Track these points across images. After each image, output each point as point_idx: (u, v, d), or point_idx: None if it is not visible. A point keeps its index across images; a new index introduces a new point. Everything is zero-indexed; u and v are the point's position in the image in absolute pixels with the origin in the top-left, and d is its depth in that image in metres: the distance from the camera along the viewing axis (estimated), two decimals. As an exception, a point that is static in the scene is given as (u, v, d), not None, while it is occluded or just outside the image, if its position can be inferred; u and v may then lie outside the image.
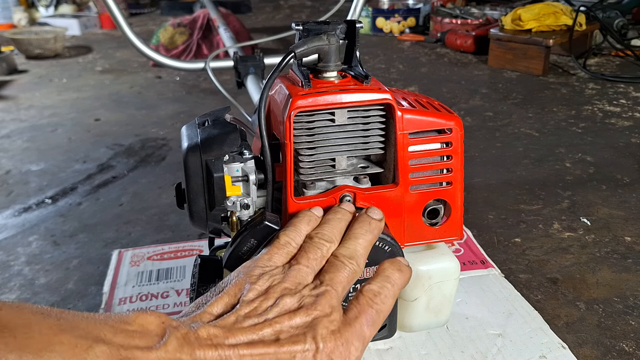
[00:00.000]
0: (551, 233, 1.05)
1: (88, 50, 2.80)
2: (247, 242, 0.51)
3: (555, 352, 0.72)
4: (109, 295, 0.85)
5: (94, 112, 1.84)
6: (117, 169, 1.39)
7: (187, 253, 0.96)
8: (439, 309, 0.65)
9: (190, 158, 0.54)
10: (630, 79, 1.98)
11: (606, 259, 0.96)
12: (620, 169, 1.30)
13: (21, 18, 3.21)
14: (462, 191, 0.60)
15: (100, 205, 1.21)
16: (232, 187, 0.55)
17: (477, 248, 0.96)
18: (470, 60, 2.36)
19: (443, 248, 0.64)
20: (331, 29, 0.56)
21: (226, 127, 0.56)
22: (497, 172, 1.31)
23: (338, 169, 0.56)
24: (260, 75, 1.27)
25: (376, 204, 0.56)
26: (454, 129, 0.58)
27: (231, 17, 2.36)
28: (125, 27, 1.27)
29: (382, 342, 0.72)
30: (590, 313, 0.83)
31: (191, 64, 1.37)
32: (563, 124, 1.61)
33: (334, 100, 0.53)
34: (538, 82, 2.02)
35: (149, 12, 3.78)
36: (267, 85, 0.55)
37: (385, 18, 2.91)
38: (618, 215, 1.10)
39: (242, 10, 3.42)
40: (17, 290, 0.92)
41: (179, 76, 2.22)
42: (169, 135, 1.61)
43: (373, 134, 0.56)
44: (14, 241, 1.08)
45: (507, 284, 0.86)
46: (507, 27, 2.19)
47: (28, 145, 1.57)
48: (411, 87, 2.02)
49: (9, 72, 2.34)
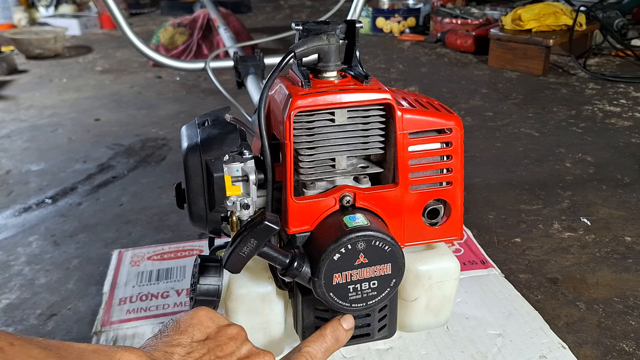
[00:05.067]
0: (551, 233, 1.05)
1: (88, 50, 2.80)
2: (247, 242, 0.51)
3: (555, 352, 0.72)
4: (109, 295, 0.85)
5: (94, 112, 1.84)
6: (117, 169, 1.39)
7: (187, 253, 0.96)
8: (439, 309, 0.65)
9: (190, 158, 0.54)
10: (630, 79, 1.98)
11: (606, 259, 0.96)
12: (620, 169, 1.30)
13: (21, 18, 3.20)
14: (462, 191, 0.60)
15: (101, 205, 1.21)
16: (232, 187, 0.55)
17: (477, 248, 0.96)
18: (471, 60, 2.36)
19: (443, 248, 0.64)
20: (331, 29, 0.56)
21: (226, 127, 0.56)
22: (497, 172, 1.31)
23: (338, 169, 0.56)
24: (260, 75, 1.27)
25: (376, 203, 0.56)
26: (454, 128, 0.58)
27: (231, 17, 2.36)
28: (125, 27, 1.27)
29: (382, 342, 0.72)
30: (590, 313, 0.83)
31: (191, 64, 1.37)
32: (563, 124, 1.61)
33: (334, 100, 0.53)
34: (538, 82, 2.02)
35: (149, 12, 3.77)
36: (267, 85, 0.55)
37: (385, 18, 2.91)
38: (618, 215, 1.10)
39: (242, 10, 3.42)
40: (17, 290, 0.92)
41: (179, 76, 2.22)
42: (169, 135, 1.61)
43: (373, 134, 0.56)
44: (14, 241, 1.08)
45: (507, 284, 0.86)
46: (507, 27, 2.19)
47: (28, 145, 1.57)
48: (411, 87, 2.02)
49: (9, 72, 2.34)
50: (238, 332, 0.52)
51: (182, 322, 0.50)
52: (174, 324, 0.50)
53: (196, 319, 0.50)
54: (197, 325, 0.50)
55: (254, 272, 0.61)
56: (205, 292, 0.57)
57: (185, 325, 0.50)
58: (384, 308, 0.60)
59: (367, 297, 0.54)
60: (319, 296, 0.53)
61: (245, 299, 0.60)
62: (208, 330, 0.50)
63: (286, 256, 0.53)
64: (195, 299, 0.57)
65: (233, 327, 0.52)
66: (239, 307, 0.60)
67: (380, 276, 0.54)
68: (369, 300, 0.55)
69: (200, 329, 0.50)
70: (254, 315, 0.61)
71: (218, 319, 0.52)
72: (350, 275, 0.53)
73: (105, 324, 0.79)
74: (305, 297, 0.57)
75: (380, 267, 0.53)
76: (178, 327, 0.49)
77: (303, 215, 0.55)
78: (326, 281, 0.52)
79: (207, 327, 0.51)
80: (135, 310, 0.82)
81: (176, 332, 0.49)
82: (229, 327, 0.52)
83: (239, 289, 0.60)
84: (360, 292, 0.54)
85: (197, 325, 0.50)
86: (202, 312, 0.51)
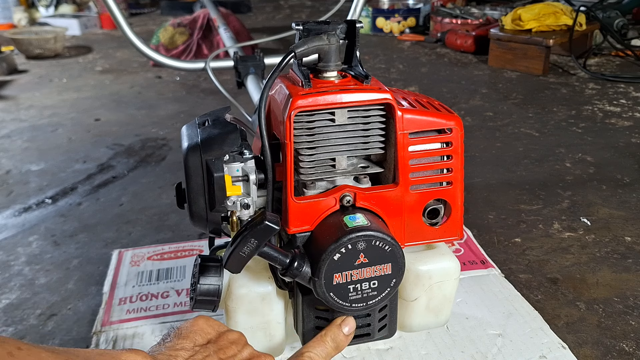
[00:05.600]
0: (551, 233, 1.05)
1: (88, 50, 2.79)
2: (248, 242, 0.51)
3: (555, 352, 0.72)
4: (109, 295, 0.85)
5: (94, 112, 1.84)
6: (117, 169, 1.39)
7: (187, 253, 0.96)
8: (439, 309, 0.65)
9: (191, 158, 0.54)
10: (630, 79, 1.98)
11: (606, 259, 0.96)
12: (620, 169, 1.30)
13: (21, 18, 3.20)
14: (462, 191, 0.60)
15: (101, 205, 1.21)
16: (232, 187, 0.55)
17: (477, 248, 0.96)
18: (471, 60, 2.36)
19: (443, 248, 0.64)
20: (331, 29, 0.56)
21: (226, 127, 0.56)
22: (497, 172, 1.31)
23: (338, 169, 0.56)
24: (260, 75, 1.27)
25: (376, 203, 0.56)
26: (454, 128, 0.58)
27: (231, 17, 2.36)
28: (125, 27, 1.27)
29: (382, 342, 0.72)
30: (590, 313, 0.83)
31: (191, 64, 1.37)
32: (563, 124, 1.61)
33: (334, 100, 0.53)
34: (538, 82, 2.02)
35: (149, 12, 3.77)
36: (267, 85, 0.55)
37: (386, 18, 2.91)
38: (618, 215, 1.10)
39: (242, 10, 3.42)
40: (17, 290, 0.92)
41: (179, 76, 2.22)
42: (169, 135, 1.61)
43: (373, 134, 0.56)
44: (14, 241, 1.08)
45: (507, 284, 0.86)
46: (507, 27, 2.19)
47: (28, 145, 1.57)
48: (411, 87, 2.02)
49: (9, 72, 2.34)
50: (239, 337, 0.54)
51: (184, 329, 0.52)
52: (175, 331, 0.52)
53: (196, 326, 0.53)
54: (198, 332, 0.52)
55: (254, 272, 0.61)
56: (206, 292, 0.57)
57: (186, 331, 0.52)
58: (384, 308, 0.60)
59: (367, 297, 0.54)
60: (319, 296, 0.53)
61: (246, 299, 0.60)
62: (209, 336, 0.53)
63: (286, 256, 0.53)
64: (195, 298, 0.57)
65: (233, 332, 0.54)
66: (239, 307, 0.60)
67: (381, 276, 0.54)
68: (369, 300, 0.55)
69: (201, 334, 0.52)
70: (254, 315, 0.61)
71: (217, 326, 0.54)
72: (350, 275, 0.53)
73: (105, 324, 0.79)
74: (305, 297, 0.57)
75: (381, 267, 0.53)
76: (180, 334, 0.51)
77: (303, 215, 0.55)
78: (326, 281, 0.52)
79: (208, 333, 0.53)
80: (135, 310, 0.82)
81: (178, 338, 0.51)
82: (229, 332, 0.54)
83: (239, 289, 0.60)
84: (360, 292, 0.54)
85: (198, 331, 0.52)
86: (201, 320, 0.54)
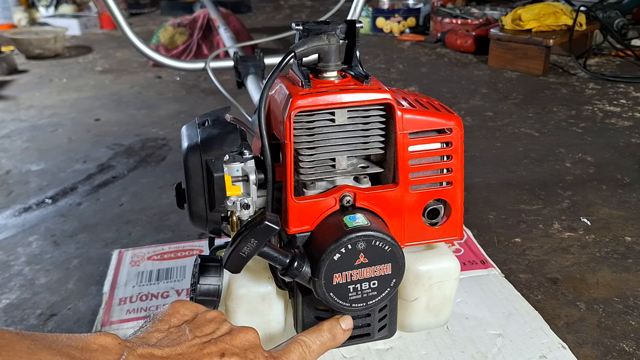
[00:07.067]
0: (551, 233, 1.05)
1: (88, 50, 2.80)
2: (248, 242, 0.51)
3: (555, 352, 0.72)
4: (109, 295, 0.85)
5: (94, 112, 1.84)
6: (117, 169, 1.39)
7: (187, 253, 0.96)
8: (439, 309, 0.65)
9: (191, 158, 0.54)
10: (630, 79, 1.98)
11: (606, 259, 0.96)
12: (620, 169, 1.30)
13: (21, 18, 3.20)
14: (462, 191, 0.60)
15: (101, 205, 1.21)
16: (232, 187, 0.55)
17: (477, 248, 0.96)
18: (471, 60, 2.36)
19: (443, 248, 0.64)
20: (331, 29, 0.56)
21: (226, 127, 0.56)
22: (497, 172, 1.31)
23: (338, 169, 0.56)
24: (260, 75, 1.27)
25: (376, 203, 0.56)
26: (454, 128, 0.58)
27: (231, 17, 2.36)
28: (125, 27, 1.27)
29: (382, 342, 0.72)
30: (590, 313, 0.83)
31: (191, 64, 1.37)
32: (563, 124, 1.61)
33: (334, 100, 0.53)
34: (538, 82, 2.02)
35: (149, 12, 3.77)
36: (267, 85, 0.55)
37: (386, 18, 2.91)
38: (618, 215, 1.10)
39: (242, 10, 3.42)
40: (17, 290, 0.92)
41: (179, 76, 2.22)
42: (169, 135, 1.61)
43: (373, 134, 0.56)
44: (14, 241, 1.08)
45: (507, 284, 0.86)
46: (507, 27, 2.19)
47: (28, 145, 1.57)
48: (411, 87, 2.02)
49: (9, 72, 2.34)
50: (217, 315, 0.52)
51: (159, 314, 0.51)
52: (151, 317, 0.51)
53: (173, 309, 0.52)
54: (174, 314, 0.51)
55: (254, 272, 0.61)
56: (206, 292, 0.57)
57: (162, 315, 0.51)
58: (384, 308, 0.60)
59: (367, 297, 0.54)
60: (319, 296, 0.53)
61: (245, 299, 0.60)
62: (185, 317, 0.51)
63: (286, 256, 0.53)
64: (195, 298, 0.57)
65: (211, 311, 0.53)
66: (239, 307, 0.60)
67: (381, 276, 0.54)
68: (369, 300, 0.55)
69: (177, 316, 0.51)
70: (254, 315, 0.61)
71: (195, 307, 0.53)
72: (350, 275, 0.53)
73: (105, 324, 0.79)
74: (305, 297, 0.57)
75: (381, 267, 0.53)
76: (155, 317, 0.51)
77: (303, 215, 0.55)
78: (326, 281, 0.52)
79: (184, 315, 0.52)
80: (136, 310, 0.82)
81: (154, 322, 0.50)
82: (207, 312, 0.53)
83: (239, 289, 0.60)
84: (360, 292, 0.54)
85: (174, 314, 0.51)
86: (178, 303, 0.53)
